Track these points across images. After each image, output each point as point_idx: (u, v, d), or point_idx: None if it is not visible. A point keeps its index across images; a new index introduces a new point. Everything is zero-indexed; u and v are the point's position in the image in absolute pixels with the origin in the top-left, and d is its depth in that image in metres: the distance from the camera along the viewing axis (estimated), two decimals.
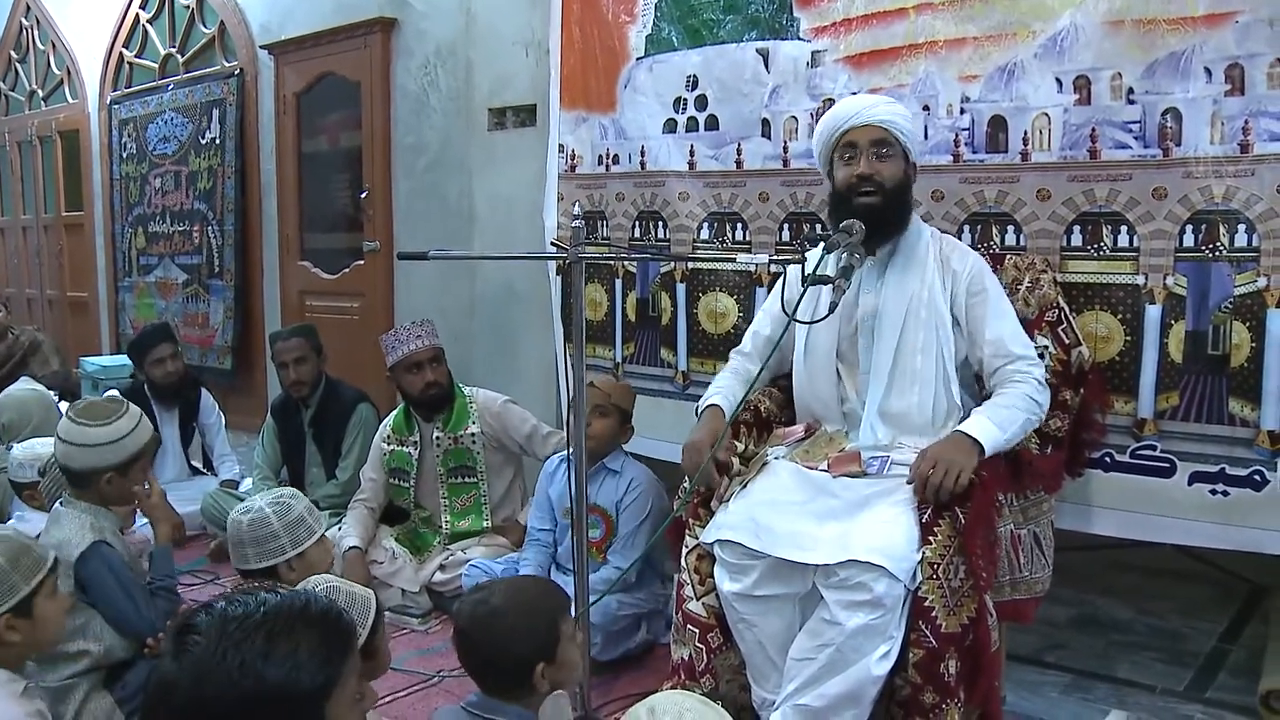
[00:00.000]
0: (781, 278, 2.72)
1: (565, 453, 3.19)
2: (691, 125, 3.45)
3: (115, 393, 4.50)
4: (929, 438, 2.35)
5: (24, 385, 4.32)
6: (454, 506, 3.64)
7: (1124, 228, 2.60)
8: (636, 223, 3.68)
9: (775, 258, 3.18)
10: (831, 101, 3.06)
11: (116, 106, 7.02)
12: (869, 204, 2.39)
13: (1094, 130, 2.61)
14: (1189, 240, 2.52)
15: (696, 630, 2.38)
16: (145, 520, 2.85)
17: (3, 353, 5.45)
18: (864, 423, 2.45)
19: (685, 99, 3.46)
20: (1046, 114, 2.69)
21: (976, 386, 2.49)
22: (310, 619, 1.30)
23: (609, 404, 3.15)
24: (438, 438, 3.60)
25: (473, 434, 3.59)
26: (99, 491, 2.60)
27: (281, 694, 1.23)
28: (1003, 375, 2.38)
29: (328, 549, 2.64)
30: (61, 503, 2.63)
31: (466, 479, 3.63)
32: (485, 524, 3.62)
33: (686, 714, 1.52)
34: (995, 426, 2.28)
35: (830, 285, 2.20)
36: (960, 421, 2.34)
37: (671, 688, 2.36)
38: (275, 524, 2.49)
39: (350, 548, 3.53)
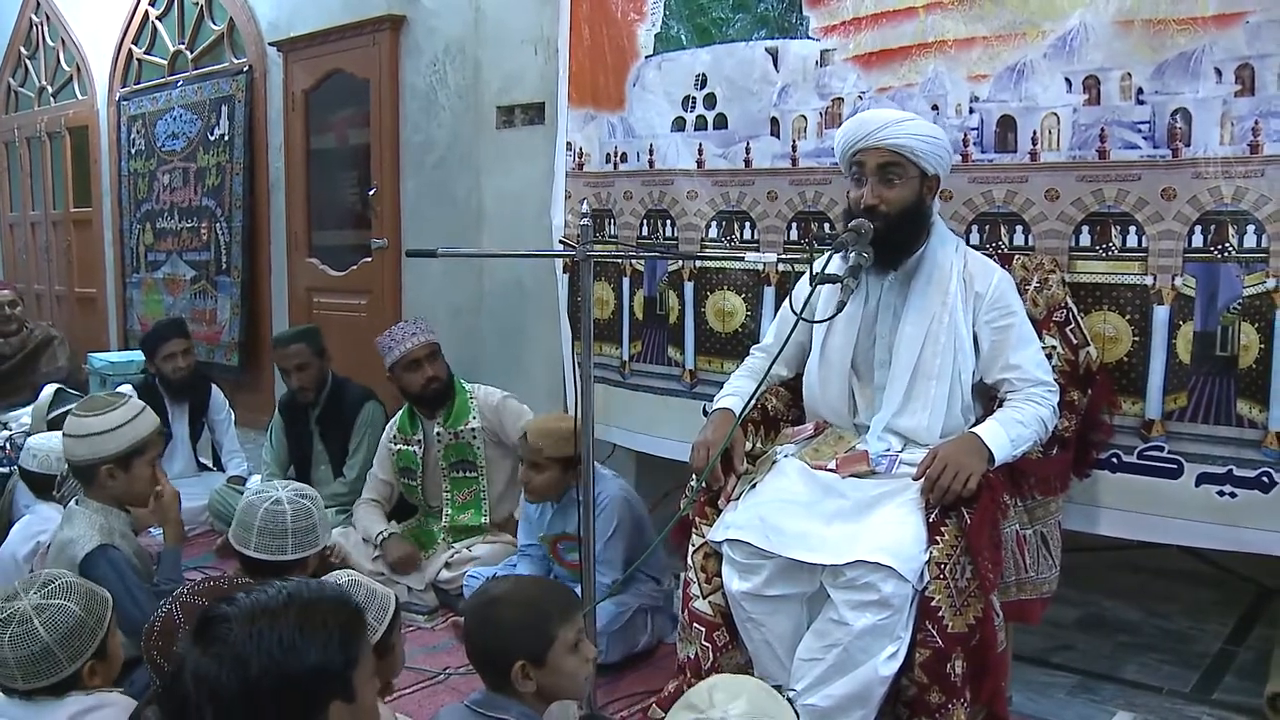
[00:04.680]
0: (800, 278, 2.67)
1: None
2: (700, 124, 3.45)
3: (128, 387, 4.52)
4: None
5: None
6: (455, 500, 3.67)
7: (1133, 228, 2.60)
8: (644, 221, 3.68)
9: (783, 256, 3.18)
10: (841, 101, 3.07)
11: (125, 103, 7.04)
12: (873, 228, 2.35)
13: (1103, 130, 2.60)
14: (1198, 241, 2.51)
15: (703, 629, 2.39)
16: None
17: (15, 346, 5.47)
18: (871, 433, 2.45)
19: (694, 97, 3.45)
20: (1056, 114, 2.68)
21: (987, 396, 2.48)
22: (329, 599, 1.41)
23: (542, 459, 3.02)
24: (439, 433, 3.63)
25: (473, 429, 3.62)
26: (104, 488, 2.61)
27: (319, 669, 1.32)
28: (1023, 394, 2.37)
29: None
30: (76, 502, 2.65)
31: (468, 473, 3.67)
32: (484, 519, 3.65)
33: (742, 695, 1.53)
34: (1009, 440, 2.27)
35: (839, 284, 2.20)
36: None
37: (678, 687, 2.37)
38: (314, 516, 2.46)
39: (389, 534, 3.59)
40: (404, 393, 3.66)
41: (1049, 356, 2.47)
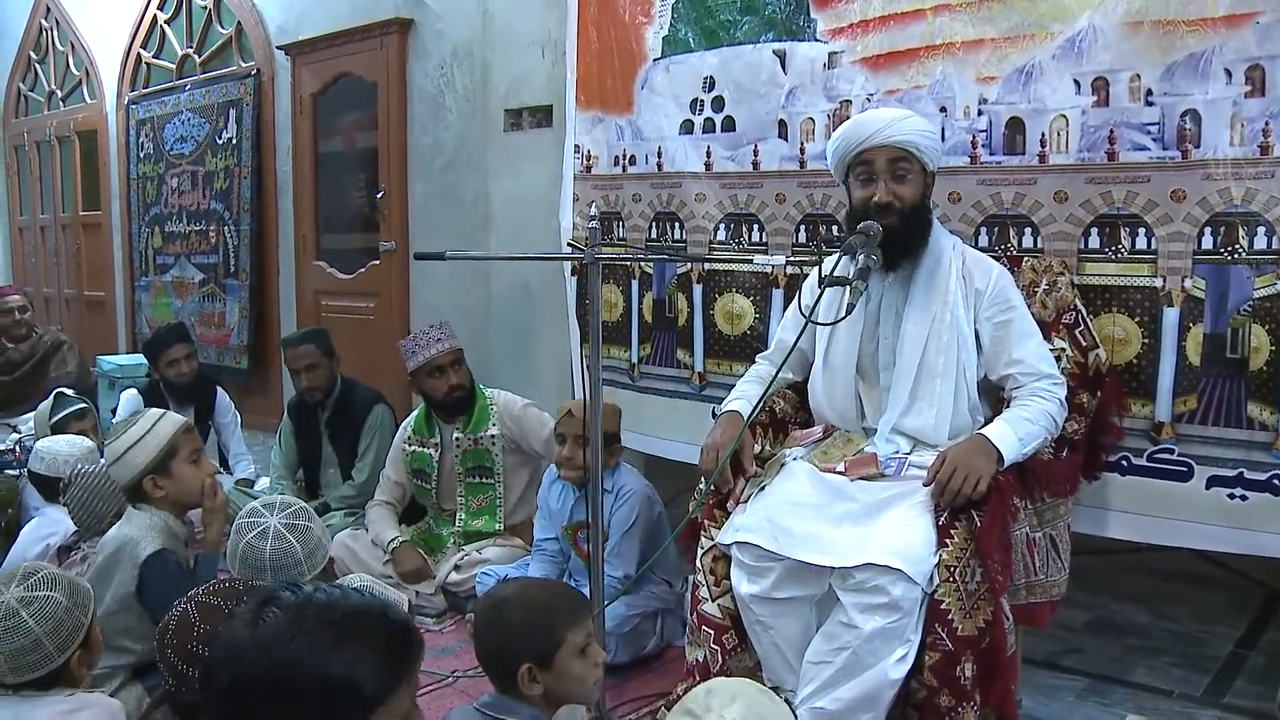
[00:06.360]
0: (804, 281, 2.70)
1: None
2: (708, 126, 3.45)
3: (133, 391, 4.54)
4: (945, 446, 2.34)
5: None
6: (469, 505, 3.66)
7: (1142, 230, 2.59)
8: (653, 224, 3.68)
9: (792, 259, 3.18)
10: (849, 103, 3.07)
11: (134, 107, 7.07)
12: (888, 226, 2.35)
13: (1112, 132, 2.60)
14: (1208, 243, 2.50)
15: (712, 632, 2.38)
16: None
17: (25, 351, 5.48)
18: (879, 436, 2.45)
19: (702, 100, 3.45)
20: (1064, 116, 2.68)
21: (995, 395, 2.48)
22: (382, 628, 1.33)
23: (587, 433, 3.06)
24: (457, 439, 3.62)
25: (492, 435, 3.61)
26: (156, 498, 2.64)
27: (338, 687, 1.26)
28: (1028, 390, 2.37)
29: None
30: (136, 506, 2.68)
31: (484, 479, 3.65)
32: (498, 525, 3.64)
33: (738, 699, 1.52)
34: (1017, 440, 2.27)
35: (847, 287, 2.20)
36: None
37: (686, 689, 2.36)
38: (297, 554, 2.51)
39: (400, 541, 3.60)
40: (426, 398, 3.66)
41: (1058, 359, 2.47)
